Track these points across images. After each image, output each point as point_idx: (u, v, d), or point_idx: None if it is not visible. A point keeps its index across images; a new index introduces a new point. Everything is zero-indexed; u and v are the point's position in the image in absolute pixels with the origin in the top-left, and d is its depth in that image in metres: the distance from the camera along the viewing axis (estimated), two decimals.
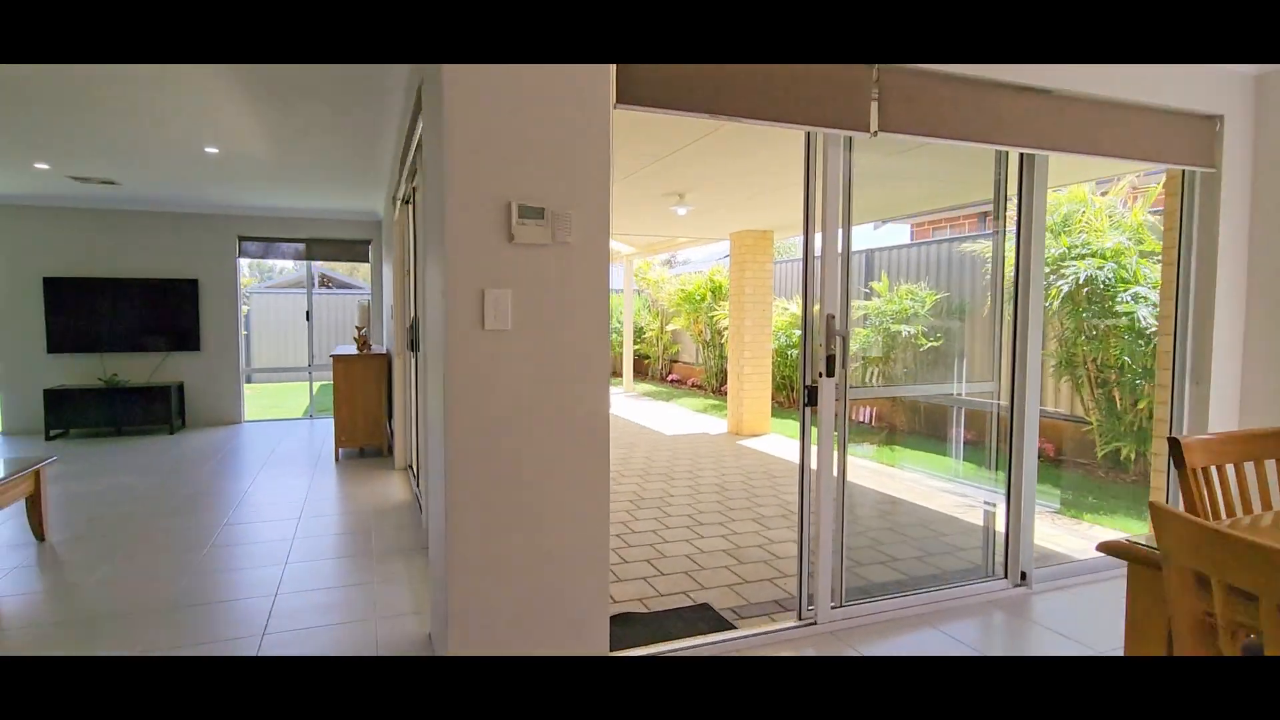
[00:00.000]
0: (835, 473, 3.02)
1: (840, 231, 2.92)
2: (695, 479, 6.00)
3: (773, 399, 8.88)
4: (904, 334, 7.77)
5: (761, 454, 7.11)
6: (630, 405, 10.76)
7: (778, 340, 9.61)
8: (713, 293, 11.94)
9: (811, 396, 2.91)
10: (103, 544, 4.07)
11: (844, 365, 2.90)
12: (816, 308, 2.89)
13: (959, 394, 6.83)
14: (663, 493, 5.52)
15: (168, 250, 7.82)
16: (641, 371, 15.34)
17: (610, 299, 2.59)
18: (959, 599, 3.27)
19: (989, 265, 3.80)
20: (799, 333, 9.99)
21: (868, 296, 9.03)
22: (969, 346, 7.13)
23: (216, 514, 4.74)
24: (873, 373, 8.11)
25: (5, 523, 4.43)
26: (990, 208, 3.60)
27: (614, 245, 11.83)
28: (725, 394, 11.54)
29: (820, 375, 2.88)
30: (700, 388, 12.76)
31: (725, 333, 11.09)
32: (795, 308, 10.05)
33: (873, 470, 6.31)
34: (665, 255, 25.36)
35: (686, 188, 5.45)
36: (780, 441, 7.83)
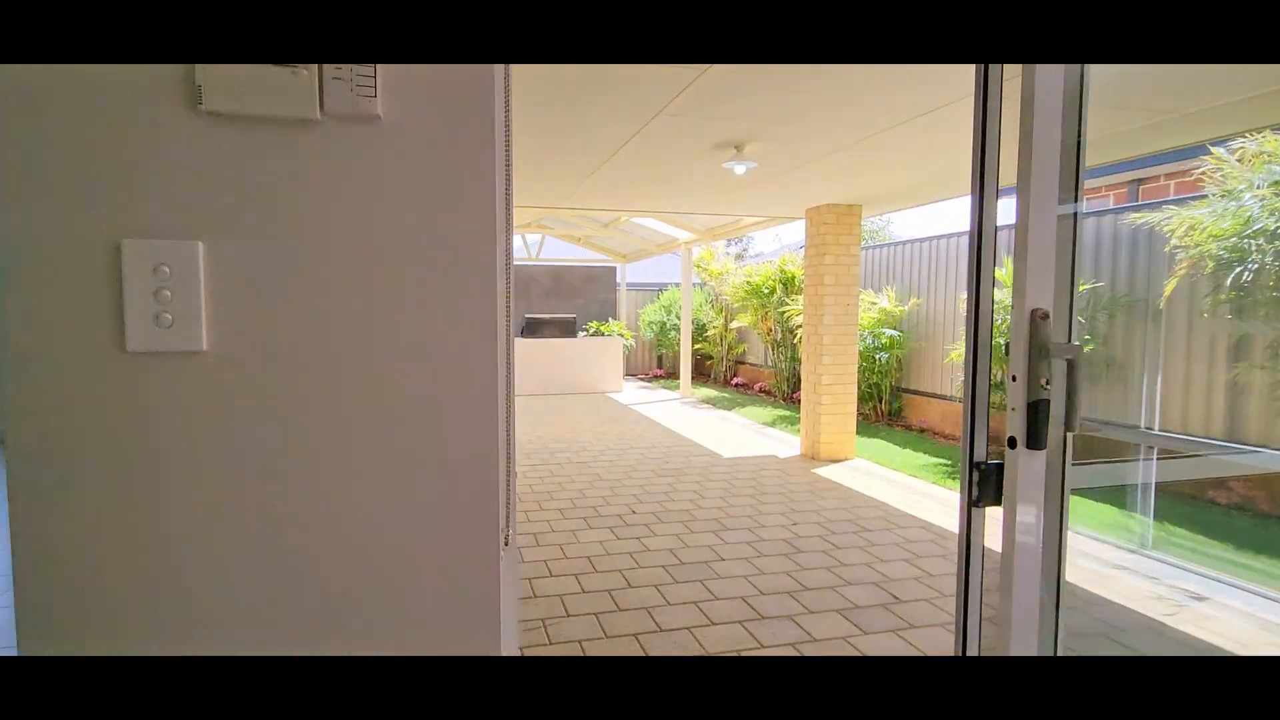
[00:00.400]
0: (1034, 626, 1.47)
1: (1053, 178, 1.37)
2: (756, 528, 4.51)
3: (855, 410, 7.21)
4: None
5: (845, 491, 5.51)
6: (685, 416, 9.30)
7: (863, 341, 7.92)
8: (783, 285, 10.30)
9: (986, 483, 1.39)
10: None
11: (1072, 419, 1.36)
12: (1002, 303, 1.38)
13: (1146, 426, 4.98)
14: (710, 555, 4.06)
15: None
16: (703, 373, 13.84)
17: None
18: None
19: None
20: (890, 332, 8.29)
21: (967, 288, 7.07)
22: (1162, 358, 5.13)
23: None
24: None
25: None
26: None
27: (669, 230, 10.40)
28: (798, 402, 9.92)
29: (1014, 442, 1.36)
30: (769, 393, 11.15)
31: (798, 332, 9.46)
32: (885, 300, 8.32)
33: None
34: (735, 247, 23.56)
35: (746, 135, 3.96)
36: (868, 472, 6.19)
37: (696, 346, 13.10)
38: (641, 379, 13.91)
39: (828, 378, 6.57)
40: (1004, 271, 6.68)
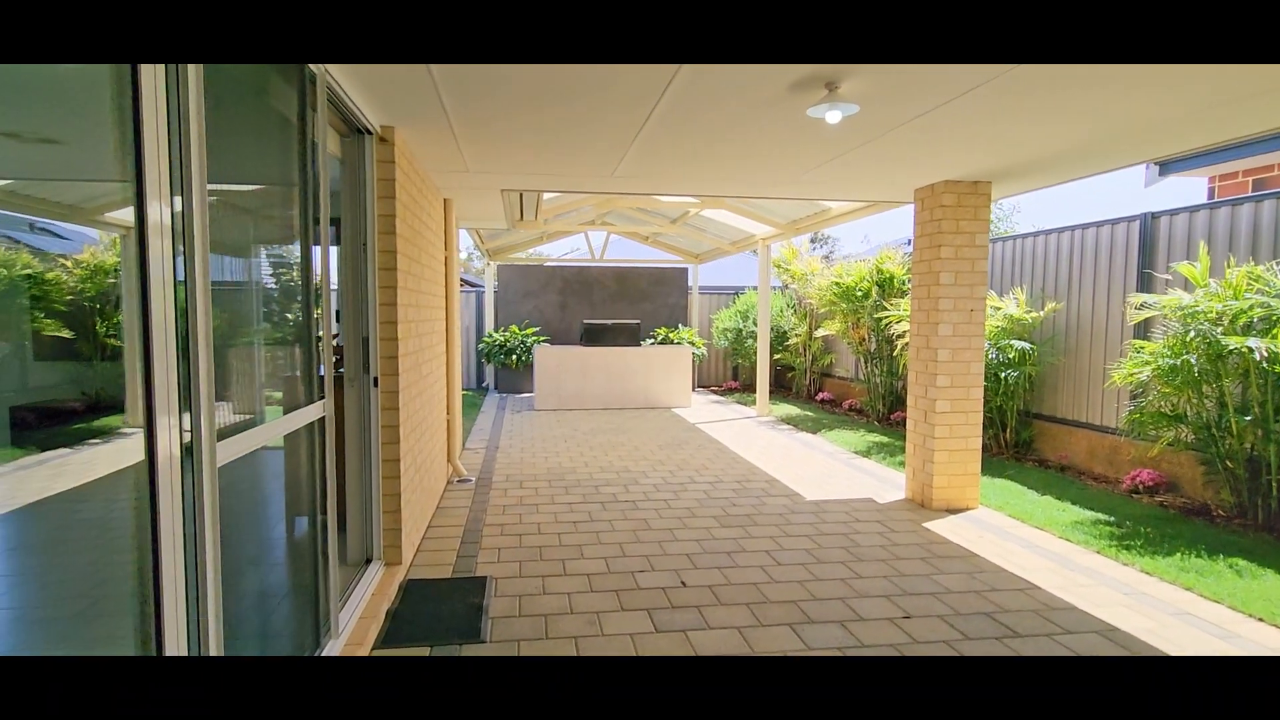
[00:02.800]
0: None
1: None
2: (851, 620, 3.21)
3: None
4: (1253, 352, 4.37)
5: (973, 560, 4.10)
6: (761, 439, 7.98)
7: (984, 355, 6.36)
8: (879, 287, 8.81)
9: None
10: None
11: None
12: None
13: None
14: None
15: None
16: (784, 386, 12.41)
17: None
18: None
19: None
20: (1019, 344, 6.62)
21: (1148, 286, 5.43)
22: None
23: None
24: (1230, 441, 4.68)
25: None
26: None
27: (744, 224, 9.12)
28: (896, 424, 8.40)
29: None
30: (860, 412, 9.65)
31: (899, 343, 7.97)
32: (1013, 306, 6.73)
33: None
34: (820, 249, 21.57)
35: (842, 70, 2.72)
36: (999, 530, 4.72)
37: (776, 356, 11.71)
38: (714, 392, 12.64)
39: (943, 403, 5.14)
40: (1197, 268, 5.02)
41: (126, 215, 1.38)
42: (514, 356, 11.62)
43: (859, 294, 8.96)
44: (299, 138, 2.32)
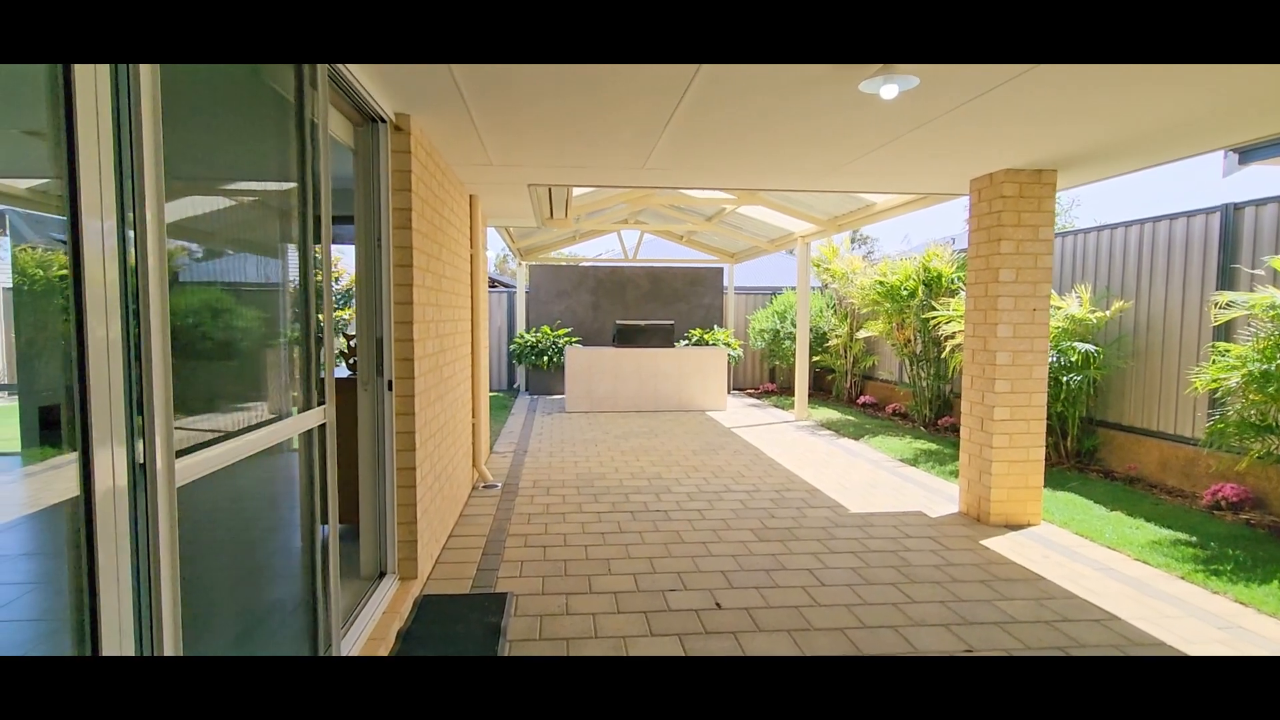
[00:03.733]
0: None
1: None
2: (906, 648, 2.88)
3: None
4: None
5: (1039, 583, 3.71)
6: (800, 445, 7.63)
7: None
8: (926, 285, 8.37)
9: None
10: None
11: None
12: None
13: None
14: None
15: None
16: (823, 389, 11.99)
17: None
18: None
19: None
20: (1083, 346, 6.09)
21: (1230, 283, 4.87)
22: None
23: None
24: None
25: None
26: None
27: (783, 221, 8.79)
28: (945, 430, 7.94)
29: None
30: (905, 417, 9.21)
31: (948, 344, 7.53)
32: (1075, 305, 6.25)
33: None
34: (858, 250, 20.83)
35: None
36: (1067, 549, 4.30)
37: (815, 358, 11.30)
38: (750, 395, 12.29)
39: (1002, 410, 4.74)
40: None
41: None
42: (545, 358, 11.45)
43: (904, 293, 8.53)
44: (295, 117, 2.11)
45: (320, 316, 2.29)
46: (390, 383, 3.27)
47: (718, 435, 8.13)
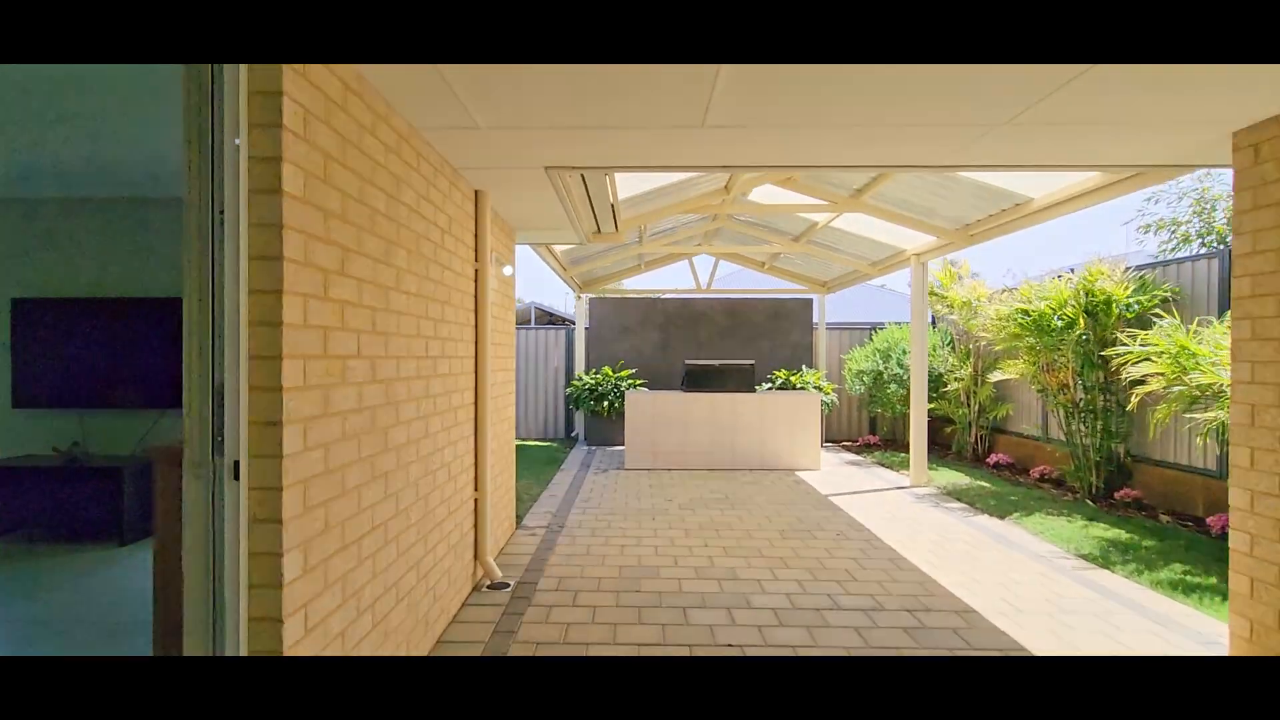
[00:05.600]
0: None
1: None
2: None
3: None
4: None
5: None
6: (927, 525, 5.71)
7: None
8: (1090, 314, 6.35)
9: None
10: None
11: None
12: None
13: None
14: None
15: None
16: (939, 444, 9.86)
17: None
18: None
19: None
20: None
21: None
22: None
23: None
24: None
25: None
26: None
27: (892, 236, 7.08)
28: (1124, 507, 5.72)
29: None
30: (1060, 484, 7.07)
31: (1137, 391, 5.48)
32: None
33: None
34: (1010, 274, 17.87)
35: None
36: None
37: (930, 405, 9.27)
38: (847, 448, 10.33)
39: None
40: None
41: None
42: (605, 402, 9.96)
43: (1058, 324, 6.53)
44: None
45: None
46: (236, 466, 1.82)
47: (813, 506, 6.32)
